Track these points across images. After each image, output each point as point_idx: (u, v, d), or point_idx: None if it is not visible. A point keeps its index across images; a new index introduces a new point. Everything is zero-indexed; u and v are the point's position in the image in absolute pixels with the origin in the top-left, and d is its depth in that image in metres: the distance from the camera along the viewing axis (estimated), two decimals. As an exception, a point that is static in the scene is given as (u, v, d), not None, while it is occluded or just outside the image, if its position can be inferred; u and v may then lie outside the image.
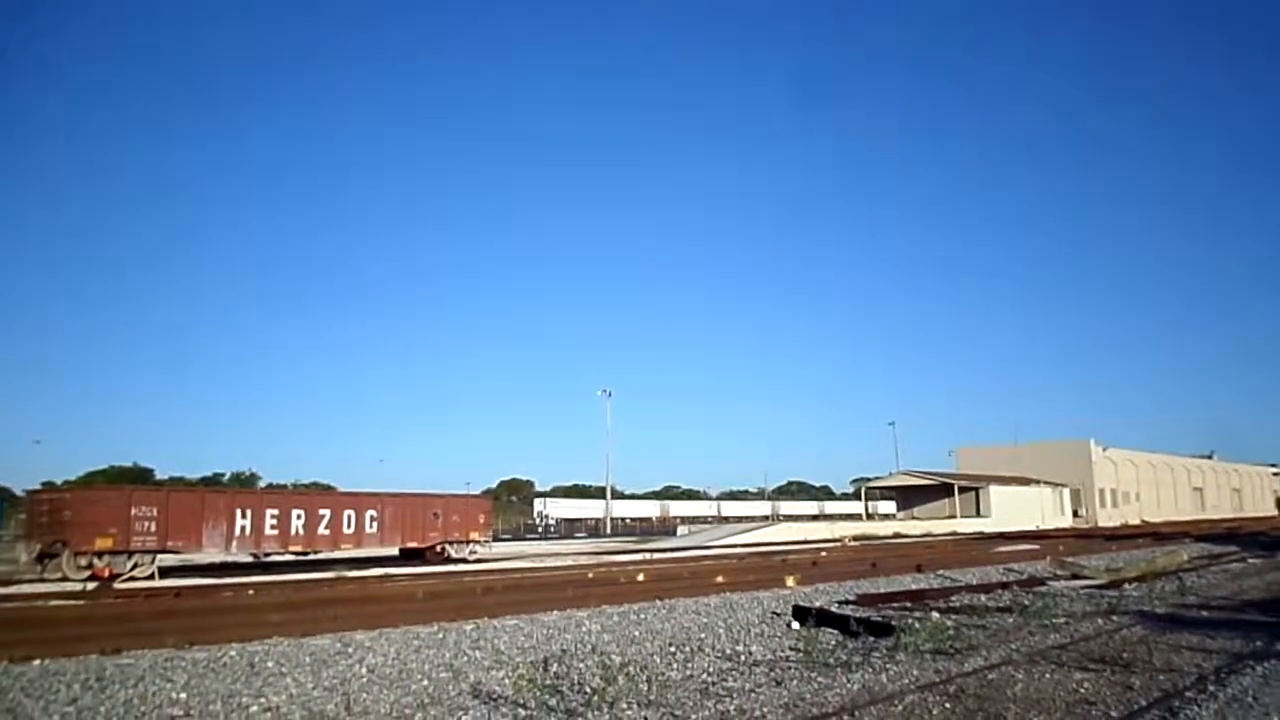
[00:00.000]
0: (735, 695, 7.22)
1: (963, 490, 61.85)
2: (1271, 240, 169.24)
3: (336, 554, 27.46)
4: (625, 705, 6.79)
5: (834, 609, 12.30)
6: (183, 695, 7.29)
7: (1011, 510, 60.58)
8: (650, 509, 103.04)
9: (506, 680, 7.93)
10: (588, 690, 7.27)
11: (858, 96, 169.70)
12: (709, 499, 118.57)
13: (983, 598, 14.56)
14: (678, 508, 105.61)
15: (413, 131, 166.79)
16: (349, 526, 27.29)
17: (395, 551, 29.99)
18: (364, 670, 8.39)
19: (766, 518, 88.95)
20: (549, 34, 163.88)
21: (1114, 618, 11.79)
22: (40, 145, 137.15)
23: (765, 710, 6.64)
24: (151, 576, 22.55)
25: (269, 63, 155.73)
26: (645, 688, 7.32)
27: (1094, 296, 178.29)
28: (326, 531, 26.78)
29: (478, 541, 31.11)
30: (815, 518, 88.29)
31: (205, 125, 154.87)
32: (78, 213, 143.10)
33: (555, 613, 12.64)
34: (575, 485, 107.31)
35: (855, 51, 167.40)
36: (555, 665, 8.48)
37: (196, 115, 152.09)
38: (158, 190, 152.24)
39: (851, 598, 14.23)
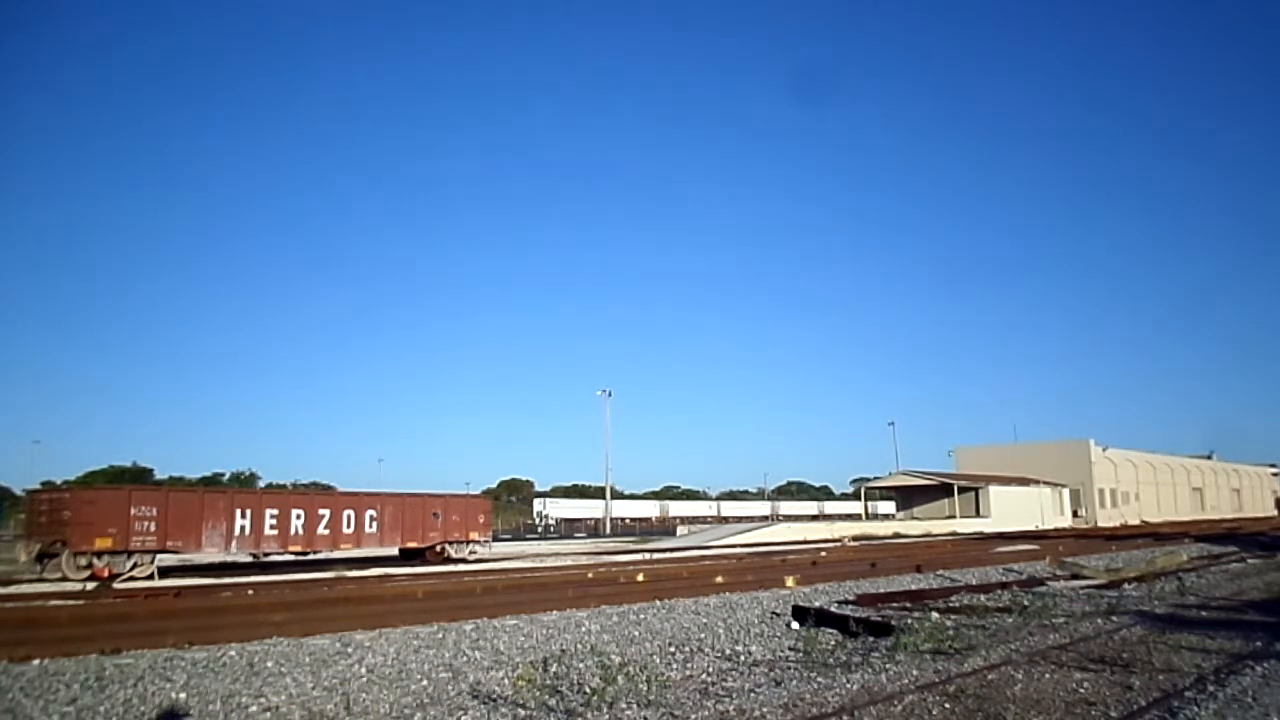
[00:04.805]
0: (735, 695, 7.22)
1: (962, 490, 61.83)
2: (1271, 241, 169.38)
3: (336, 554, 27.46)
4: (625, 705, 6.79)
5: (833, 609, 12.31)
6: (182, 695, 7.30)
7: (1011, 510, 60.55)
8: (650, 509, 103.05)
9: (506, 680, 7.94)
10: (587, 690, 7.27)
11: (856, 99, 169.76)
12: (709, 499, 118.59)
13: (982, 598, 14.55)
14: (677, 508, 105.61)
15: (412, 130, 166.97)
16: (349, 526, 27.28)
17: (395, 551, 29.99)
18: (363, 670, 8.39)
19: (766, 518, 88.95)
20: (549, 38, 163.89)
21: (1113, 618, 11.79)
22: (39, 144, 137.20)
23: (765, 710, 6.64)
24: (151, 576, 22.54)
25: (275, 66, 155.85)
26: (645, 688, 7.32)
27: (1093, 296, 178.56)
28: (326, 531, 26.77)
29: (477, 541, 31.10)
30: (815, 518, 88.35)
31: (206, 125, 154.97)
32: (77, 212, 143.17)
33: (555, 613, 12.64)
34: (575, 485, 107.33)
35: (853, 54, 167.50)
36: (555, 665, 8.47)
37: (198, 115, 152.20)
38: (158, 190, 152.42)
39: (851, 598, 14.23)
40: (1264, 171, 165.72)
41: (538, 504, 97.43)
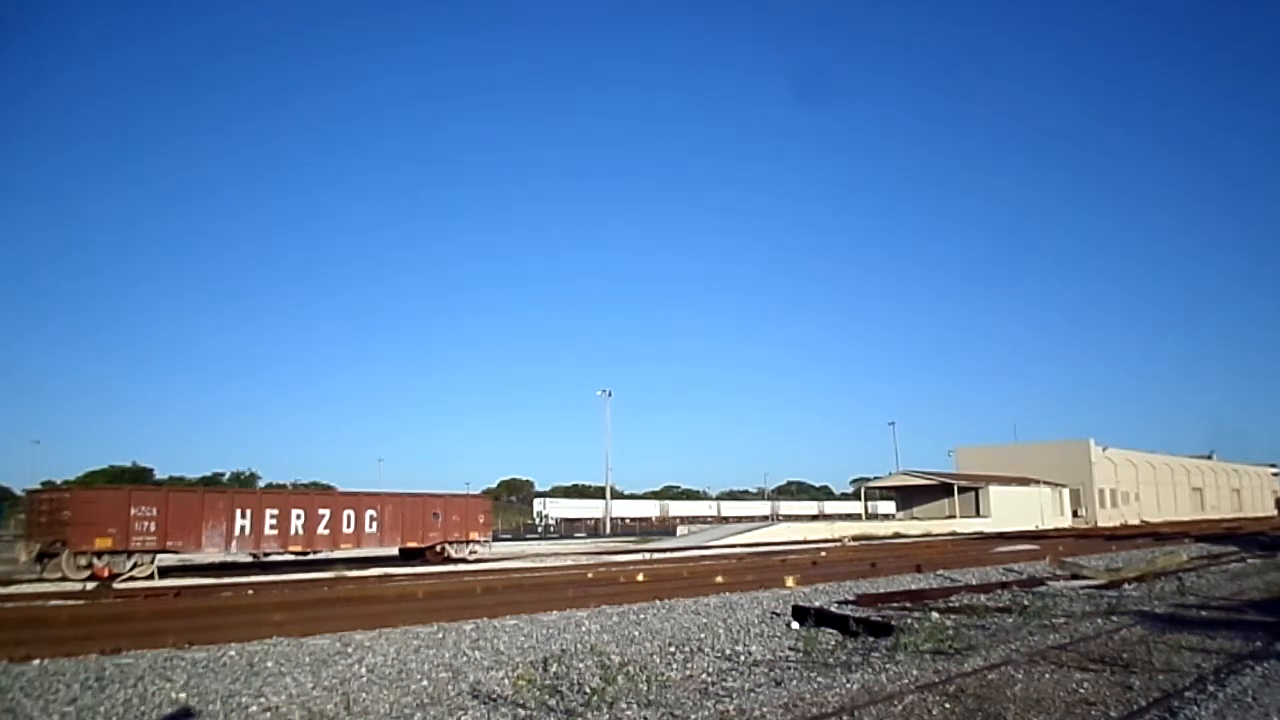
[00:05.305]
0: (735, 695, 7.22)
1: (962, 490, 61.82)
2: (1271, 241, 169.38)
3: (336, 554, 27.46)
4: (625, 705, 6.79)
5: (833, 609, 12.31)
6: (182, 695, 7.30)
7: (1011, 510, 60.56)
8: (650, 509, 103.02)
9: (506, 680, 7.94)
10: (587, 690, 7.27)
11: (856, 99, 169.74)
12: (709, 499, 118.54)
13: (982, 598, 14.55)
14: (677, 508, 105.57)
15: (412, 129, 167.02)
16: (349, 526, 27.29)
17: (395, 551, 29.99)
18: (363, 670, 8.39)
19: (766, 518, 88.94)
20: (548, 38, 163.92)
21: (1113, 618, 11.78)
22: (39, 145, 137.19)
23: (765, 710, 6.64)
24: (151, 576, 22.55)
25: (276, 66, 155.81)
26: (645, 688, 7.32)
27: (1093, 296, 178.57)
28: (326, 531, 26.78)
29: (478, 541, 31.11)
30: (815, 518, 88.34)
31: (206, 126, 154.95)
32: (77, 213, 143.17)
33: (555, 613, 12.64)
34: (575, 485, 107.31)
35: (854, 55, 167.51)
36: (555, 665, 8.48)
37: (198, 116, 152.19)
38: (158, 190, 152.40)
39: (851, 598, 14.22)
40: (1264, 171, 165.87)
41: (538, 504, 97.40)
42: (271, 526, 25.51)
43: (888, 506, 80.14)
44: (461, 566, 27.25)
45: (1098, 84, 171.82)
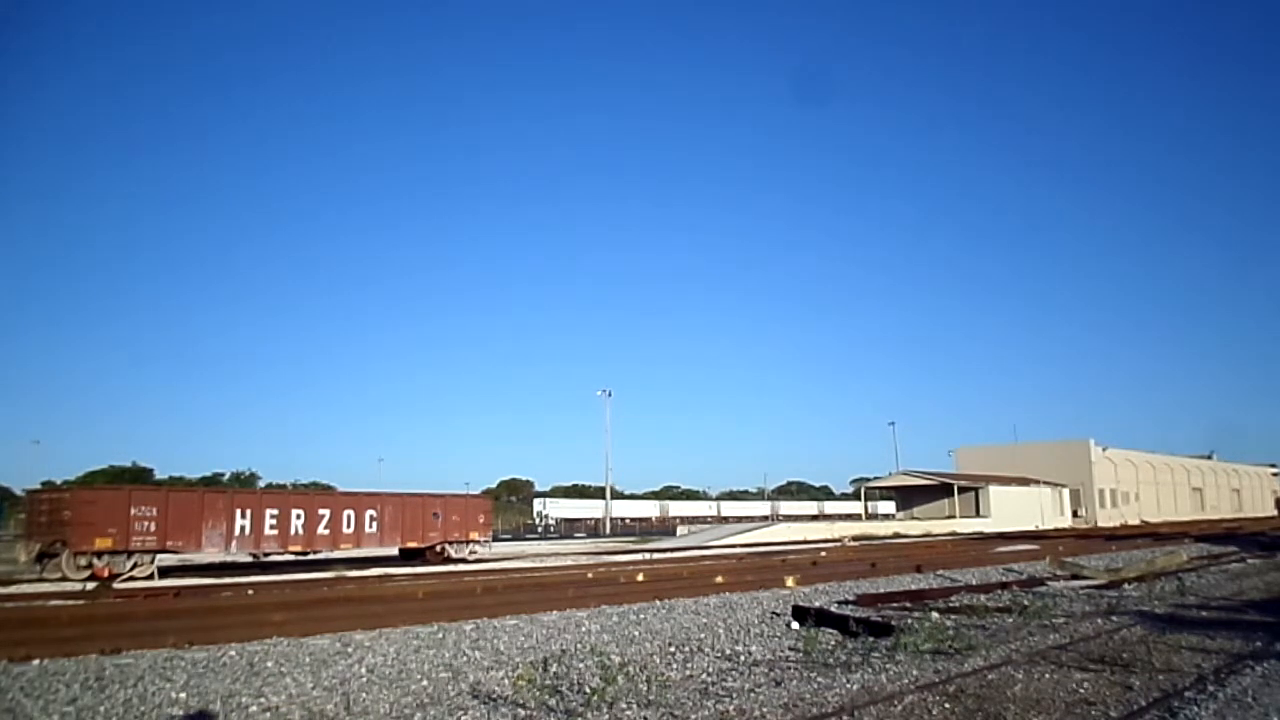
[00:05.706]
0: (735, 695, 7.22)
1: (962, 490, 61.83)
2: (1272, 240, 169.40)
3: (336, 554, 27.47)
4: (625, 705, 6.79)
5: (834, 609, 12.31)
6: (182, 695, 7.30)
7: (1011, 510, 60.56)
8: (650, 509, 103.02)
9: (506, 680, 7.94)
10: (587, 690, 7.26)
11: (856, 99, 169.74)
12: (709, 499, 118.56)
13: (982, 598, 14.55)
14: (677, 508, 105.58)
15: (412, 129, 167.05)
16: (349, 526, 27.29)
17: (395, 551, 29.99)
18: (363, 670, 8.39)
19: (766, 518, 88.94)
20: (548, 38, 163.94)
21: (1113, 618, 11.79)
22: (40, 144, 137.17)
23: (765, 710, 6.64)
24: (151, 576, 22.55)
25: (275, 66, 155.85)
26: (645, 688, 7.32)
27: (1093, 296, 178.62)
28: (326, 531, 26.78)
29: (478, 541, 31.10)
30: (815, 518, 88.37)
31: (205, 125, 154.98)
32: (78, 212, 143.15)
33: (555, 613, 12.65)
34: (575, 485, 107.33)
35: (856, 54, 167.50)
36: (555, 665, 8.47)
37: (197, 116, 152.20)
38: (158, 190, 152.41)
39: (851, 598, 14.23)
40: (1264, 171, 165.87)
41: (538, 504, 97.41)
42: (271, 526, 25.50)
43: (888, 506, 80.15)
44: (461, 566, 27.24)
45: (1098, 84, 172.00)
